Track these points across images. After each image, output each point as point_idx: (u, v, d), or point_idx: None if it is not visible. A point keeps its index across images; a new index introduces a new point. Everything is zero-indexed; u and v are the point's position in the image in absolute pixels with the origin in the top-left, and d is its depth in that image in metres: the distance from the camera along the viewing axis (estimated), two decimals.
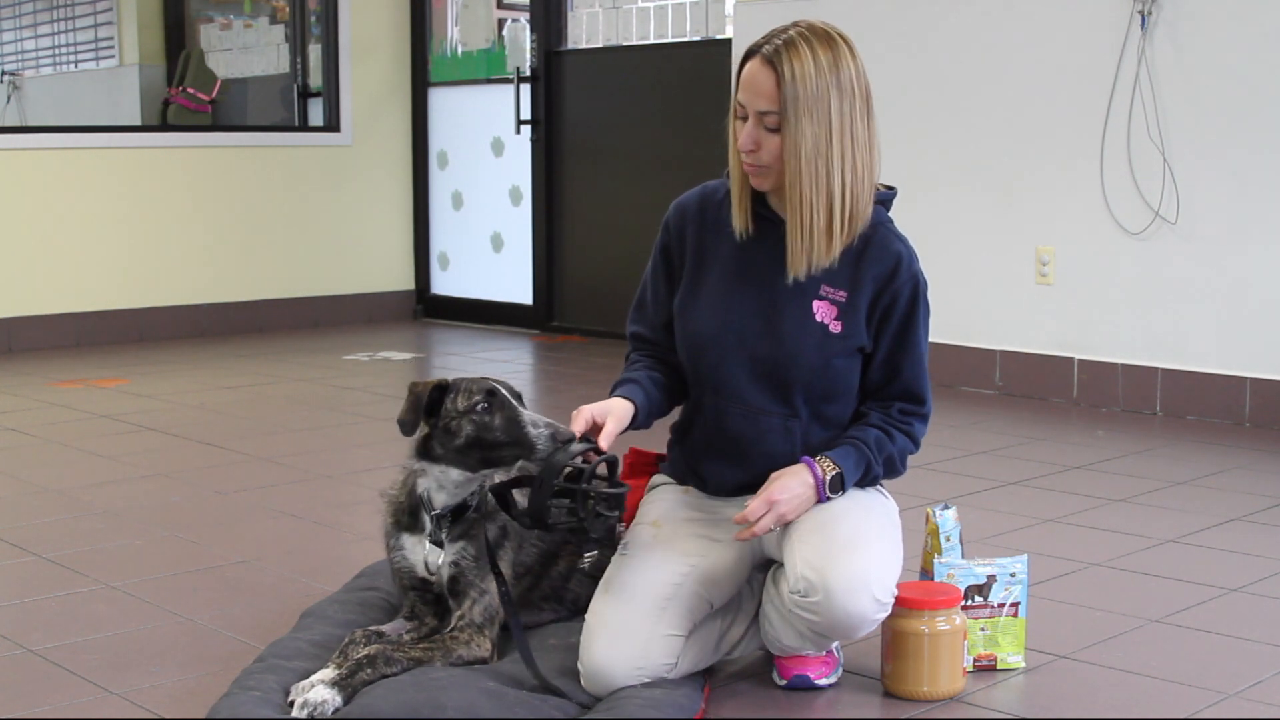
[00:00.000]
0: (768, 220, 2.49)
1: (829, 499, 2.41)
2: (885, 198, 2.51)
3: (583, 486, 2.30)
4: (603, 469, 2.36)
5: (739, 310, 2.48)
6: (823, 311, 2.45)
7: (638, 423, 2.47)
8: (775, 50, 2.35)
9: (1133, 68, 5.00)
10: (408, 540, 2.57)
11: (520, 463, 2.45)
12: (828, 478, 2.40)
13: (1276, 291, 4.79)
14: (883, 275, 2.45)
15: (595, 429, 2.38)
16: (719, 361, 2.48)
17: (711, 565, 2.47)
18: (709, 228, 2.54)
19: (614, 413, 2.41)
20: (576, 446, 2.33)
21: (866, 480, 2.47)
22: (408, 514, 2.57)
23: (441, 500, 2.51)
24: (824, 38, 2.37)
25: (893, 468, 2.51)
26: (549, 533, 2.42)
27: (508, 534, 2.57)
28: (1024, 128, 5.33)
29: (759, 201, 2.49)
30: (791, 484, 2.39)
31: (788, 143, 2.35)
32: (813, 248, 2.39)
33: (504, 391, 2.45)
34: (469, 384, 2.46)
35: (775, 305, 2.46)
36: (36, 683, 2.54)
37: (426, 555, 2.53)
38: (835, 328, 2.45)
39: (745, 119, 2.40)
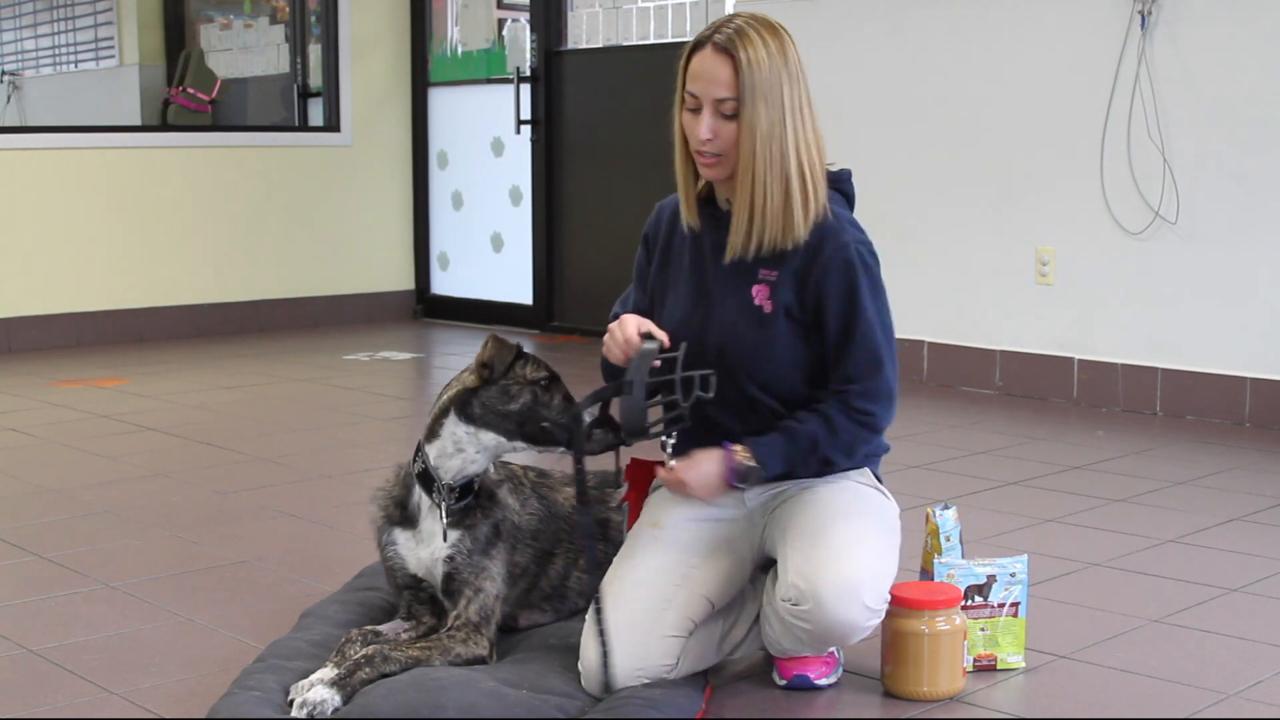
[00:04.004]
0: (714, 217, 2.54)
1: (740, 488, 2.43)
2: (841, 178, 2.54)
3: (679, 375, 2.33)
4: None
5: (689, 302, 2.53)
6: (760, 295, 2.48)
7: None
8: (728, 39, 2.42)
9: (1133, 68, 5.00)
10: (400, 535, 2.57)
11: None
12: (739, 467, 2.40)
13: (1276, 291, 4.79)
14: (809, 248, 2.45)
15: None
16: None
17: (712, 567, 2.48)
18: (678, 228, 2.61)
19: (646, 319, 2.46)
20: (650, 345, 2.36)
21: (806, 470, 2.44)
22: (398, 507, 2.58)
23: (454, 468, 2.51)
24: (769, 26, 2.44)
25: (837, 458, 2.45)
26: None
27: (501, 534, 2.57)
28: (1024, 128, 5.33)
29: (709, 198, 2.55)
30: (707, 469, 2.40)
31: (744, 128, 2.41)
32: (765, 229, 2.43)
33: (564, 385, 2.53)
34: (538, 360, 2.56)
35: (718, 293, 2.51)
36: (36, 683, 2.54)
37: (424, 529, 2.53)
38: (767, 307, 2.48)
39: (696, 110, 2.46)
